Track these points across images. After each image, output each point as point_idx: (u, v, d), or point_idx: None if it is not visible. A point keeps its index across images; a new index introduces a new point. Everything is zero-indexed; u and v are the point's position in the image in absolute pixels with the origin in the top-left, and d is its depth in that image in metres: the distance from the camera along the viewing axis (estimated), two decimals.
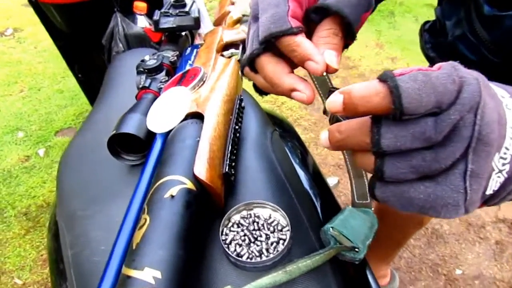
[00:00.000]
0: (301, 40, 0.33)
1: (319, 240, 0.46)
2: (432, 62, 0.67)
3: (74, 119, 2.01)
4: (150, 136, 0.54)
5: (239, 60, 0.64)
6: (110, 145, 0.54)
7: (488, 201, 0.29)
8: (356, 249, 0.46)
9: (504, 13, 0.48)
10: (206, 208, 0.44)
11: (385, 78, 0.25)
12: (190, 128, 0.49)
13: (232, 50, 0.66)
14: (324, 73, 0.36)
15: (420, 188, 0.26)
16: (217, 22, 0.76)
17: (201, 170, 0.43)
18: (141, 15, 1.10)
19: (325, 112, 0.37)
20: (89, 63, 1.32)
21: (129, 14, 1.11)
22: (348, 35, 0.37)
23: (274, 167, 0.53)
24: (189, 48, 0.70)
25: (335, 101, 0.27)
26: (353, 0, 0.35)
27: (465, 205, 0.26)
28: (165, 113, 0.53)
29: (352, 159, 0.31)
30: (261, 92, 0.41)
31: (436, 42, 0.66)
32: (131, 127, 0.54)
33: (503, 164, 0.26)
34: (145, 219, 0.39)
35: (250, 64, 0.38)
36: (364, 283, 0.48)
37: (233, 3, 0.75)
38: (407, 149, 0.25)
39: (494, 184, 0.27)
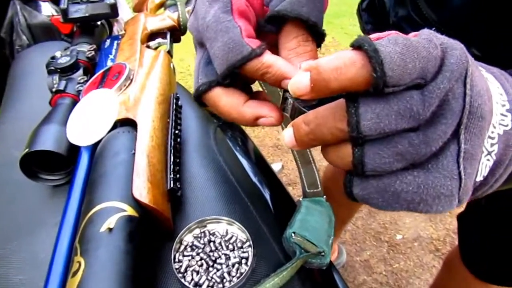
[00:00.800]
0: (271, 59, 0.28)
1: (282, 249, 0.42)
2: None
3: None
4: (73, 149, 0.46)
5: (168, 51, 0.56)
6: (23, 165, 0.45)
7: (478, 190, 0.25)
8: (322, 254, 0.42)
9: None
10: (152, 235, 0.37)
11: (361, 43, 0.21)
12: (121, 138, 0.42)
13: (159, 40, 0.58)
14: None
15: (407, 178, 0.22)
16: (137, 8, 0.67)
17: (142, 190, 0.36)
18: (45, 1, 0.95)
19: (284, 109, 0.32)
20: None
21: (30, 1, 0.96)
22: (316, 35, 0.31)
23: (223, 172, 0.48)
24: (108, 40, 0.60)
25: (299, 81, 0.23)
26: None
27: (459, 194, 0.22)
28: (88, 121, 0.45)
29: (324, 155, 0.26)
30: None
31: (377, 22, 0.63)
32: (48, 142, 0.45)
33: (492, 145, 0.23)
34: (79, 263, 0.32)
35: (198, 100, 0.32)
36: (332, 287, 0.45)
37: None
38: (392, 131, 0.21)
39: (484, 168, 0.24)
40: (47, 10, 0.96)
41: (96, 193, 0.37)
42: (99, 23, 0.65)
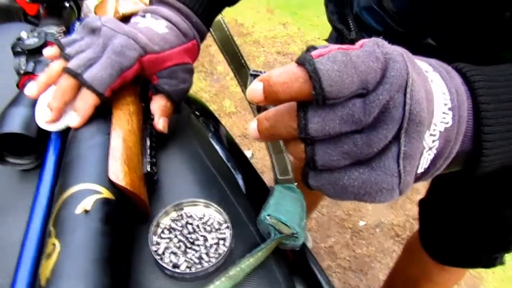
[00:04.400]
0: (93, 103, 0.42)
1: (258, 231, 0.43)
2: (340, 33, 0.66)
3: None
4: (44, 132, 0.44)
5: None
6: None
7: (419, 178, 0.28)
8: (295, 235, 0.44)
9: None
10: (129, 218, 0.37)
11: (303, 61, 0.23)
12: (96, 122, 0.41)
13: None
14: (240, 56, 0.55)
15: (354, 174, 0.25)
16: None
17: (118, 173, 0.36)
18: None
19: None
20: None
21: None
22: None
23: (199, 156, 0.48)
24: (77, 23, 0.59)
25: (255, 90, 0.25)
26: (181, 91, 0.47)
27: (400, 188, 0.25)
28: None
29: (286, 148, 0.29)
30: None
31: (342, 13, 0.64)
32: (16, 124, 0.43)
33: (433, 141, 0.26)
34: (54, 245, 0.32)
35: None
36: (305, 267, 0.46)
37: None
38: (337, 133, 0.24)
39: (425, 162, 0.26)
40: None
41: (71, 175, 0.36)
42: (67, 4, 0.63)
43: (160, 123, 0.45)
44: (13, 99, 0.46)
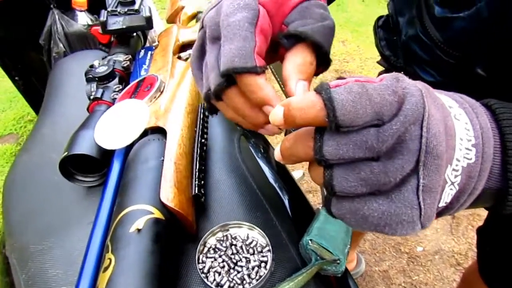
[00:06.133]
0: (262, 83, 0.31)
1: (300, 255, 0.44)
2: (387, 61, 0.66)
3: (15, 124, 1.86)
4: (107, 154, 0.49)
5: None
6: (62, 167, 0.49)
7: (442, 213, 0.28)
8: (337, 261, 0.44)
9: (455, 15, 0.47)
10: (177, 237, 0.40)
11: (320, 90, 0.24)
12: (152, 146, 0.45)
13: (190, 51, 0.61)
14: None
15: (373, 205, 0.25)
16: (170, 20, 0.71)
17: (169, 195, 0.39)
18: (81, 11, 1.01)
19: None
20: (27, 65, 1.20)
21: (68, 10, 1.01)
22: (321, 63, 0.36)
23: (246, 180, 0.50)
24: (142, 51, 0.64)
25: (276, 114, 0.27)
26: (326, 30, 0.35)
27: (421, 221, 0.25)
28: (118, 128, 0.48)
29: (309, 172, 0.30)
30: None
31: (391, 40, 0.64)
32: (85, 146, 0.48)
33: (455, 176, 0.26)
34: (110, 259, 0.35)
35: (217, 95, 0.34)
36: None
37: None
38: (351, 158, 0.24)
39: (447, 196, 0.26)
40: (83, 19, 1.01)
41: (127, 196, 0.40)
42: (134, 34, 0.69)
43: (299, 87, 0.32)
44: (83, 122, 0.52)
